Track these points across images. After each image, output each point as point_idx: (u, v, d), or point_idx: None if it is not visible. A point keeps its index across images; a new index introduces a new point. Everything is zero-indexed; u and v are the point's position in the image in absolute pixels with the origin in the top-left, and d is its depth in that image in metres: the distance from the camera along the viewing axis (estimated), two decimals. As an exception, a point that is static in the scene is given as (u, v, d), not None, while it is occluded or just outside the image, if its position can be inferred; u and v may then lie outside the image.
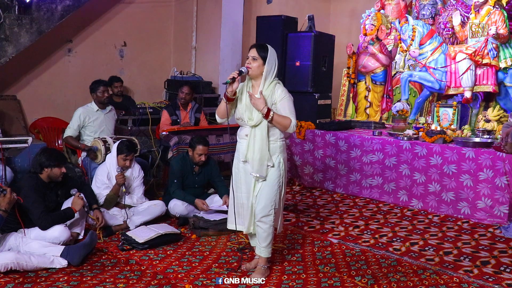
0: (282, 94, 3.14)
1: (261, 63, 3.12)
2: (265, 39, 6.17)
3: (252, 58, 3.13)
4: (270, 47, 3.17)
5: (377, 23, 6.66)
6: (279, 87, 3.17)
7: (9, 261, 3.09)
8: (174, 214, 4.40)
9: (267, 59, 3.11)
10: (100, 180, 4.27)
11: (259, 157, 3.12)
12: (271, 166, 3.14)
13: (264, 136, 3.12)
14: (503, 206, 4.40)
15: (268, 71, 3.12)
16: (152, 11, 7.17)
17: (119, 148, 4.28)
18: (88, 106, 4.98)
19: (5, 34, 5.09)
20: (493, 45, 5.46)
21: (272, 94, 3.13)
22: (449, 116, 5.57)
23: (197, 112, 5.72)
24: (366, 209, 4.91)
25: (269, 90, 3.13)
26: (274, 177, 3.15)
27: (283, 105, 3.13)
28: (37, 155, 3.65)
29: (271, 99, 3.12)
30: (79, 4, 5.62)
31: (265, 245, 3.19)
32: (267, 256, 3.23)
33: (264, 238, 3.17)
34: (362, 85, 6.72)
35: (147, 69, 7.16)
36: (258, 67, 3.12)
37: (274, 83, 3.17)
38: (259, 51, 3.13)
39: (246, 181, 3.22)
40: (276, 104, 3.13)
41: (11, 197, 3.20)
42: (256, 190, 3.16)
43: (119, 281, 3.11)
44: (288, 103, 3.14)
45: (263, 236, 3.17)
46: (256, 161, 3.12)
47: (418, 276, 3.29)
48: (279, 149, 3.18)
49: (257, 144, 3.12)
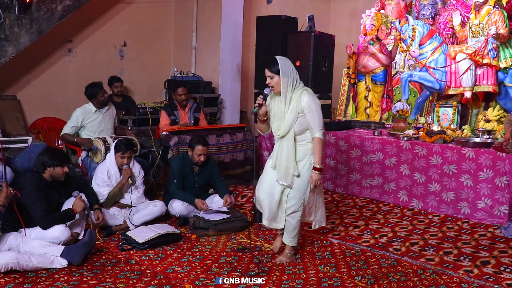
0: (309, 104, 3.26)
1: (278, 78, 3.26)
2: (265, 39, 6.20)
3: (269, 77, 3.30)
4: (281, 58, 3.31)
5: (377, 23, 6.66)
6: (305, 94, 3.28)
7: (9, 261, 3.09)
8: (174, 214, 4.41)
9: (280, 72, 3.23)
10: (100, 178, 4.28)
11: (285, 166, 3.34)
12: (296, 176, 3.34)
13: (290, 146, 3.33)
14: (503, 206, 4.40)
15: (286, 81, 3.25)
16: (152, 11, 7.17)
17: (116, 145, 4.30)
18: (86, 107, 4.97)
19: (5, 34, 5.09)
20: (493, 45, 5.46)
21: (298, 104, 3.26)
22: (449, 116, 5.57)
23: (196, 111, 5.73)
24: (366, 209, 4.91)
25: (294, 100, 3.28)
26: (304, 178, 3.36)
27: (312, 117, 3.28)
28: (40, 154, 3.66)
29: (297, 109, 3.27)
30: (79, 4, 5.61)
31: (292, 236, 3.51)
32: (293, 246, 3.56)
33: (291, 231, 3.48)
34: (362, 85, 6.73)
35: (147, 69, 7.16)
36: (278, 83, 3.27)
37: (300, 91, 3.30)
38: (270, 69, 3.29)
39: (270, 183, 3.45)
40: (304, 113, 3.28)
41: (8, 192, 3.20)
42: (287, 189, 3.39)
43: (119, 281, 3.11)
44: (317, 114, 3.28)
45: (291, 229, 3.48)
46: (282, 170, 3.35)
47: (418, 276, 3.29)
48: (310, 151, 3.36)
49: (284, 153, 3.34)
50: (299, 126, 3.31)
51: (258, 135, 6.38)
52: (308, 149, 3.36)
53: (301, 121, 3.30)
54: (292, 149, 3.32)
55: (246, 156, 5.81)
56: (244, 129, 5.89)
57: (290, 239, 3.51)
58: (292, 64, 3.34)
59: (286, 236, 3.52)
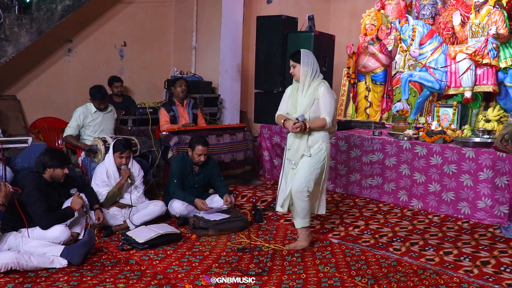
0: (323, 92, 3.60)
1: (299, 67, 3.63)
2: (265, 39, 6.20)
3: (292, 66, 3.68)
4: (304, 50, 3.68)
5: (377, 23, 6.66)
6: (322, 85, 3.63)
7: (9, 261, 3.09)
8: (174, 214, 4.41)
9: (301, 61, 3.60)
10: (99, 178, 4.29)
11: (297, 147, 3.65)
12: (308, 156, 3.61)
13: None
14: (503, 206, 4.40)
15: (305, 70, 3.61)
16: (152, 11, 7.17)
17: (115, 145, 4.31)
18: (87, 106, 4.98)
19: (5, 34, 5.09)
20: (493, 45, 5.46)
21: (315, 91, 3.60)
22: (449, 116, 5.57)
23: (193, 108, 5.74)
24: (366, 209, 4.91)
25: (312, 87, 3.61)
26: (311, 162, 3.62)
27: (324, 103, 3.60)
28: (41, 155, 3.66)
29: (314, 95, 3.60)
30: (79, 4, 5.61)
31: (302, 216, 3.70)
32: (305, 226, 3.74)
33: (300, 211, 3.70)
34: (362, 85, 6.73)
35: (147, 69, 7.16)
36: (298, 70, 3.64)
37: (318, 82, 3.65)
38: (293, 59, 3.66)
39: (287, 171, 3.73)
40: (319, 100, 3.60)
41: (7, 191, 3.18)
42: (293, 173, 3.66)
43: (119, 281, 3.11)
44: (328, 101, 3.60)
45: (299, 210, 3.69)
46: (294, 150, 3.66)
47: (418, 276, 3.29)
48: (322, 138, 3.65)
49: (299, 134, 3.62)
50: (313, 112, 3.61)
51: (258, 135, 6.39)
52: (319, 136, 3.64)
53: (315, 108, 3.61)
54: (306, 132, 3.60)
55: (246, 156, 5.81)
56: (244, 129, 5.89)
57: (301, 220, 3.71)
58: (314, 57, 3.69)
59: (297, 218, 3.73)
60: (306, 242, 3.75)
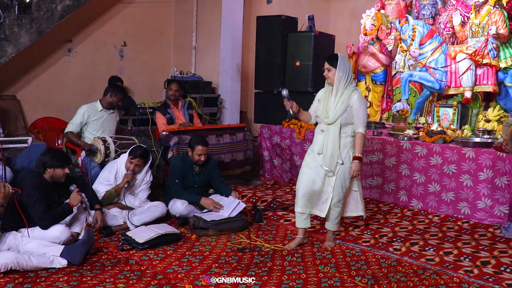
0: (358, 102, 3.63)
1: (334, 71, 3.62)
2: (265, 39, 6.20)
3: (327, 69, 3.67)
4: (341, 55, 3.68)
5: (377, 23, 6.67)
6: (355, 93, 3.65)
7: (9, 261, 3.09)
8: (174, 214, 4.41)
9: (337, 67, 3.59)
10: (105, 175, 4.30)
11: (330, 153, 3.65)
12: (341, 164, 3.65)
13: (336, 133, 3.65)
14: (503, 206, 4.40)
15: (340, 75, 3.61)
16: (152, 11, 7.17)
17: (132, 150, 4.34)
18: (93, 104, 5.00)
19: (5, 34, 5.08)
20: (493, 45, 5.46)
21: (348, 99, 3.62)
22: (449, 116, 5.57)
23: (189, 108, 5.74)
24: (366, 209, 4.90)
25: (346, 95, 3.63)
26: (345, 170, 3.68)
27: (358, 113, 3.64)
28: (41, 155, 3.66)
29: (347, 103, 3.62)
30: (79, 4, 5.61)
31: (336, 222, 3.86)
32: (335, 230, 3.94)
33: (335, 218, 3.83)
34: (362, 85, 6.72)
35: (147, 69, 7.16)
36: (334, 75, 3.63)
37: (351, 89, 3.66)
38: (330, 62, 3.65)
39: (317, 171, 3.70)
40: (352, 108, 3.63)
41: (6, 191, 3.17)
42: (332, 182, 3.69)
43: (119, 281, 3.11)
44: (362, 111, 3.65)
45: (335, 216, 3.81)
46: (328, 156, 3.66)
47: (418, 276, 3.29)
48: (350, 144, 3.69)
49: (330, 140, 3.66)
50: (344, 119, 3.64)
51: (258, 135, 6.39)
52: (348, 142, 3.68)
53: (347, 115, 3.63)
54: (337, 137, 3.64)
55: (246, 156, 5.81)
56: (244, 129, 5.89)
57: (334, 225, 3.86)
58: (350, 64, 3.73)
59: (330, 223, 3.86)
60: (333, 243, 3.90)
